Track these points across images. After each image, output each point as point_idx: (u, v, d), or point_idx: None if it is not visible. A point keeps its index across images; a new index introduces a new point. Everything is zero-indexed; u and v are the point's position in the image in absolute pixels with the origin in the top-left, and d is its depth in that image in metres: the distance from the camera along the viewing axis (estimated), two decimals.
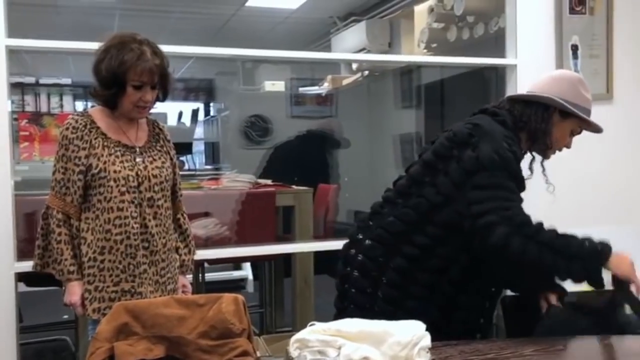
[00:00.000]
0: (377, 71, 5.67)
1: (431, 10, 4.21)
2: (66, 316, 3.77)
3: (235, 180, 3.45)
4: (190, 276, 2.34)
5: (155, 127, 2.12)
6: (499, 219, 1.57)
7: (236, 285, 5.15)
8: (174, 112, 7.08)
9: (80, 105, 4.64)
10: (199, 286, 3.58)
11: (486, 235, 1.57)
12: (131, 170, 1.96)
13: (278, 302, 3.95)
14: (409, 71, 5.36)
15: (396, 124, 5.65)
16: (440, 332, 1.53)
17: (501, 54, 3.16)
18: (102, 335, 1.28)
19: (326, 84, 6.08)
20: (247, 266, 5.27)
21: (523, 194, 1.73)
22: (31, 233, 2.32)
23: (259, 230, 3.30)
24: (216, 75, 7.32)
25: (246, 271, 5.34)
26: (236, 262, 5.14)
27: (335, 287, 1.89)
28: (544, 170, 1.91)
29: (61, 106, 4.38)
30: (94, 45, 1.99)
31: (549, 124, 1.81)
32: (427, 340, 1.30)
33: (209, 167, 7.15)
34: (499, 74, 3.30)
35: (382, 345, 1.28)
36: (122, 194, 1.94)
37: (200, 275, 3.70)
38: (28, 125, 3.85)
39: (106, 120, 2.00)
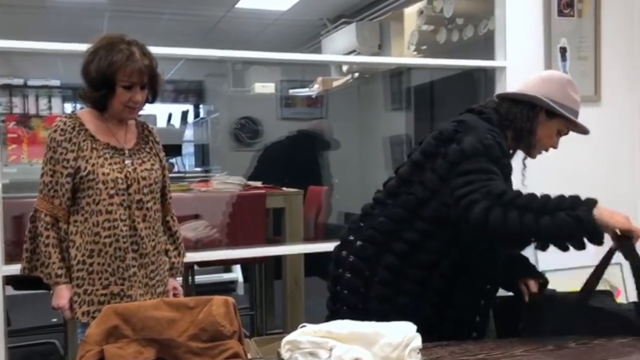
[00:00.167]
0: (367, 73, 5.68)
1: (421, 13, 4.23)
2: (55, 319, 3.74)
3: (225, 183, 3.45)
4: (180, 279, 2.34)
5: (145, 129, 2.11)
6: (479, 195, 1.55)
7: (226, 288, 5.13)
8: (163, 114, 7.06)
9: (69, 107, 4.62)
10: (189, 289, 3.57)
11: (468, 215, 1.55)
12: (120, 172, 1.95)
13: (268, 304, 3.95)
14: (399, 73, 5.38)
15: (386, 125, 5.66)
16: (434, 331, 1.53)
17: (490, 56, 3.17)
18: (91, 338, 1.27)
19: (316, 86, 6.09)
20: (237, 268, 5.26)
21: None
22: (19, 236, 2.30)
23: (249, 232, 3.29)
24: (206, 77, 7.31)
25: (236, 273, 5.33)
26: (226, 265, 5.13)
27: (327, 289, 1.90)
28: (525, 167, 1.91)
29: (50, 108, 4.36)
30: (83, 47, 1.98)
31: (534, 123, 1.81)
32: (418, 341, 1.31)
33: (198, 169, 7.14)
34: (488, 76, 3.31)
35: (373, 346, 1.28)
36: (111, 196, 1.93)
37: (190, 277, 3.68)
38: (16, 127, 3.82)
39: (95, 123, 1.98)
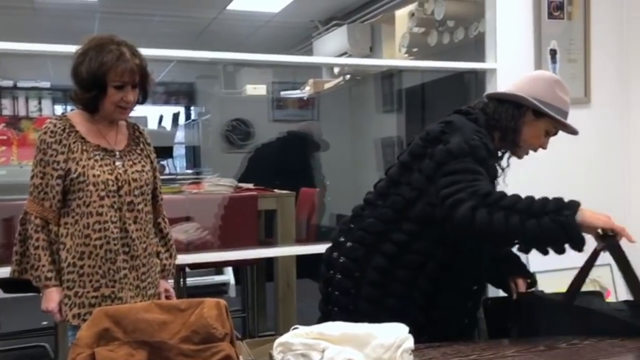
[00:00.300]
0: (359, 75, 5.69)
1: (412, 15, 4.24)
2: (45, 322, 3.71)
3: (217, 185, 3.44)
4: (172, 281, 2.33)
5: (136, 131, 2.10)
6: (464, 195, 1.55)
7: (218, 290, 5.11)
8: (154, 115, 7.04)
9: (59, 109, 4.60)
10: (180, 291, 3.55)
11: (453, 214, 1.55)
12: (111, 174, 1.94)
13: (260, 306, 3.94)
14: (390, 75, 5.39)
15: (378, 127, 5.67)
16: (422, 333, 1.53)
17: (481, 58, 3.19)
18: (82, 341, 1.26)
19: (308, 88, 6.09)
20: (229, 271, 5.24)
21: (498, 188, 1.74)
22: (9, 239, 2.29)
23: (240, 234, 3.28)
24: (197, 78, 7.29)
25: (228, 276, 5.31)
26: (218, 267, 5.11)
27: (319, 291, 1.90)
28: (508, 166, 1.90)
29: (40, 110, 4.34)
30: (74, 49, 1.97)
31: (519, 122, 1.80)
32: (410, 342, 1.31)
33: (189, 171, 7.12)
34: (478, 78, 3.33)
35: (366, 347, 1.28)
36: (102, 198, 1.92)
37: (182, 280, 3.67)
38: (6, 129, 3.80)
39: (85, 124, 1.98)
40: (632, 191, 3.25)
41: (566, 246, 1.53)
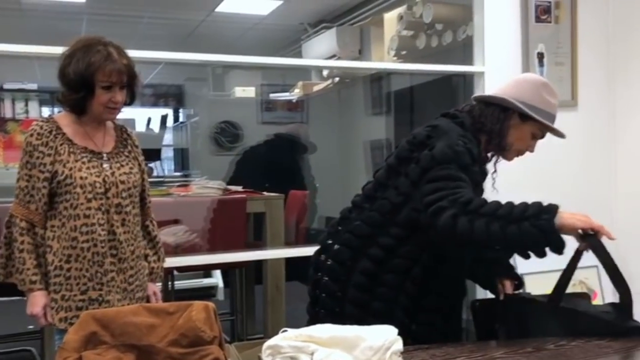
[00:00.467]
0: (348, 78, 5.70)
1: (400, 18, 4.25)
2: (31, 326, 3.68)
3: (205, 187, 3.43)
4: (160, 284, 2.31)
5: (123, 133, 2.09)
6: (446, 203, 1.56)
7: (206, 293, 5.09)
8: (142, 117, 7.01)
9: (46, 111, 4.56)
10: (169, 294, 3.54)
11: (435, 222, 1.56)
12: (98, 176, 1.93)
13: (249, 309, 3.93)
14: (379, 78, 5.41)
15: (367, 130, 5.69)
16: (408, 336, 1.54)
17: (469, 61, 3.21)
18: (69, 345, 1.25)
19: (297, 90, 6.10)
20: (217, 273, 5.23)
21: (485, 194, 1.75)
22: None
23: (229, 237, 3.27)
24: (186, 81, 7.28)
25: (216, 279, 5.29)
26: (206, 270, 5.09)
27: (308, 294, 1.90)
28: (495, 171, 1.90)
29: (26, 112, 4.29)
30: (61, 50, 1.96)
31: (505, 125, 1.80)
32: (399, 344, 1.31)
33: (178, 173, 7.10)
34: (467, 81, 3.35)
35: (355, 350, 1.28)
36: (89, 200, 1.91)
37: (170, 283, 3.65)
38: None
39: (72, 126, 1.96)
40: (619, 192, 3.28)
41: (547, 250, 1.53)
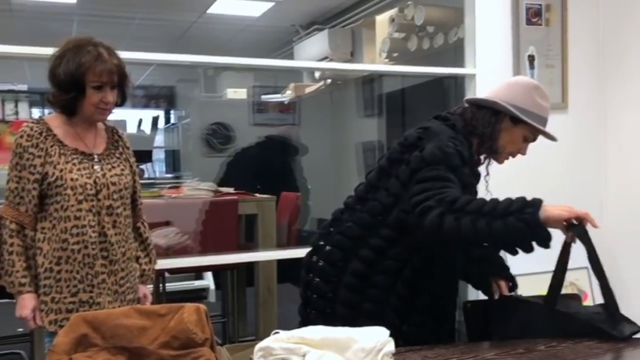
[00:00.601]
0: (340, 80, 5.71)
1: (392, 20, 4.27)
2: (21, 329, 3.65)
3: (197, 189, 3.42)
4: (151, 286, 2.30)
5: (115, 134, 2.08)
6: (433, 202, 1.57)
7: (198, 295, 5.08)
8: (133, 119, 7.00)
9: (36, 112, 4.53)
10: (160, 296, 3.52)
11: (422, 221, 1.57)
12: (89, 178, 1.92)
13: (241, 311, 3.92)
14: (370, 80, 5.42)
15: (358, 132, 5.70)
16: (399, 337, 1.54)
17: (460, 63, 3.22)
18: (59, 347, 1.24)
19: (289, 92, 6.10)
20: (208, 275, 5.21)
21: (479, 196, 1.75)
22: None
23: (221, 239, 3.27)
24: (177, 82, 7.26)
25: (208, 281, 5.28)
26: (198, 272, 5.08)
27: (300, 295, 1.90)
28: (488, 174, 1.91)
29: (16, 113, 4.27)
30: (51, 51, 1.95)
31: (496, 128, 1.80)
32: (390, 346, 1.31)
33: (169, 175, 7.07)
34: (458, 83, 3.36)
35: (347, 351, 1.28)
36: (80, 202, 1.89)
37: (161, 285, 3.64)
38: None
39: (63, 128, 1.95)
40: (609, 194, 3.30)
41: (534, 245, 1.54)
